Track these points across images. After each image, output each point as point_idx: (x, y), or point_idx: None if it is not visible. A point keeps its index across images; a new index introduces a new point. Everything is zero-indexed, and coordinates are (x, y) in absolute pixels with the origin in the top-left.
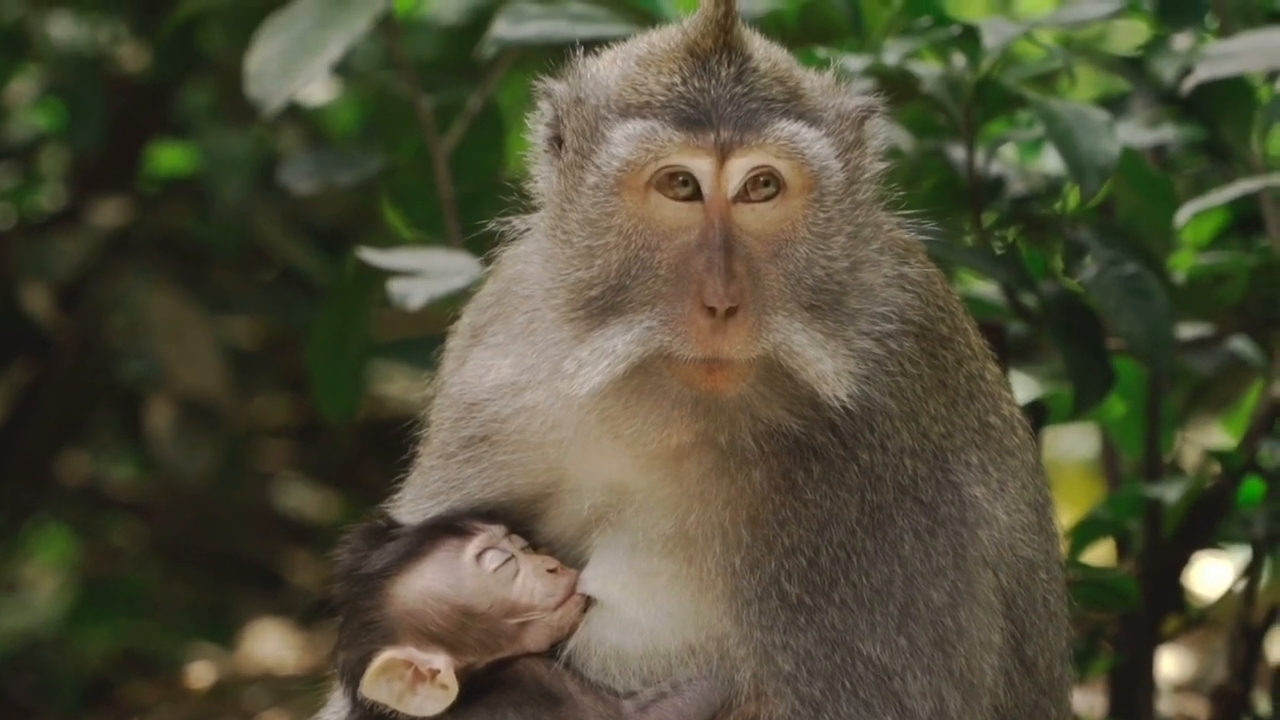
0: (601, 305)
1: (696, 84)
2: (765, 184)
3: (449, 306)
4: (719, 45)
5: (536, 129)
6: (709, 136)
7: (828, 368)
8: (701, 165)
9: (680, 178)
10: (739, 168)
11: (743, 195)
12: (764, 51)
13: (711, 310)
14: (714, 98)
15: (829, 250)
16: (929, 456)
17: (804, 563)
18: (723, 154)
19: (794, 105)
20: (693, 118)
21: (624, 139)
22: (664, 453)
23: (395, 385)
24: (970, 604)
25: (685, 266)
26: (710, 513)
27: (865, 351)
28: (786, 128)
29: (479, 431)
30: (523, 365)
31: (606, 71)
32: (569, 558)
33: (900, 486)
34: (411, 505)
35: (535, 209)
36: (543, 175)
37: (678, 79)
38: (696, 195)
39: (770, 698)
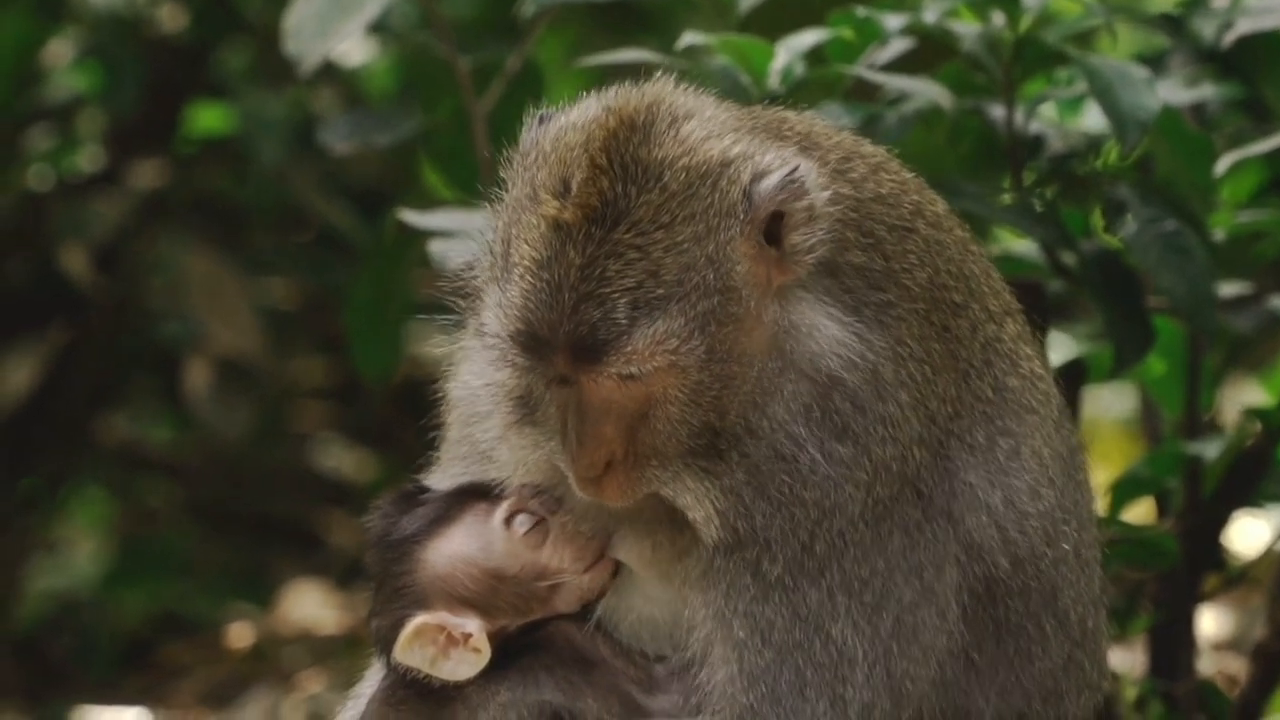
0: (523, 404)
1: (545, 277)
2: None
3: None
4: (580, 220)
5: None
6: (548, 368)
7: (699, 514)
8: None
9: None
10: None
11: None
12: (637, 199)
13: None
14: (557, 313)
15: (698, 407)
16: (934, 443)
17: (797, 548)
18: (562, 380)
19: (644, 291)
20: (536, 338)
21: (489, 316)
22: None
23: (433, 346)
24: (930, 605)
25: (564, 420)
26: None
27: (747, 477)
28: (622, 350)
29: (477, 434)
30: None
31: (523, 175)
32: (600, 520)
33: (905, 477)
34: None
35: None
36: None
37: (540, 253)
38: None
39: (714, 663)
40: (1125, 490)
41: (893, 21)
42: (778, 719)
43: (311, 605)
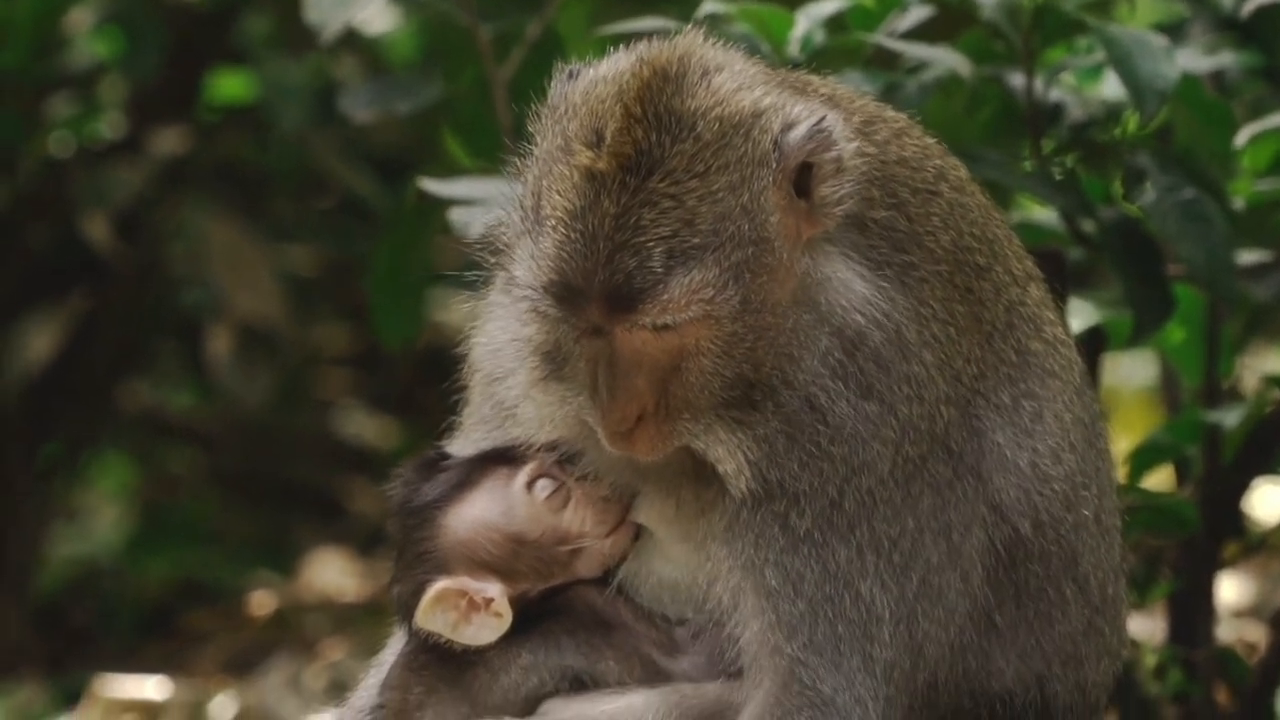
0: (550, 359)
1: (579, 227)
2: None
3: None
4: (614, 169)
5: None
6: (581, 318)
7: (730, 466)
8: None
9: None
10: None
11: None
12: (672, 148)
13: None
14: (592, 262)
15: (732, 359)
16: (961, 401)
17: (825, 503)
18: (596, 330)
19: (679, 240)
20: (570, 288)
21: (520, 269)
22: None
23: (454, 313)
24: (955, 568)
25: (594, 373)
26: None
27: (781, 426)
28: (658, 299)
29: (502, 393)
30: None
31: (554, 127)
32: (622, 478)
33: (935, 436)
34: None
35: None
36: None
37: (573, 203)
38: None
39: (747, 614)
40: (1145, 458)
41: None
42: (824, 670)
43: (333, 573)
